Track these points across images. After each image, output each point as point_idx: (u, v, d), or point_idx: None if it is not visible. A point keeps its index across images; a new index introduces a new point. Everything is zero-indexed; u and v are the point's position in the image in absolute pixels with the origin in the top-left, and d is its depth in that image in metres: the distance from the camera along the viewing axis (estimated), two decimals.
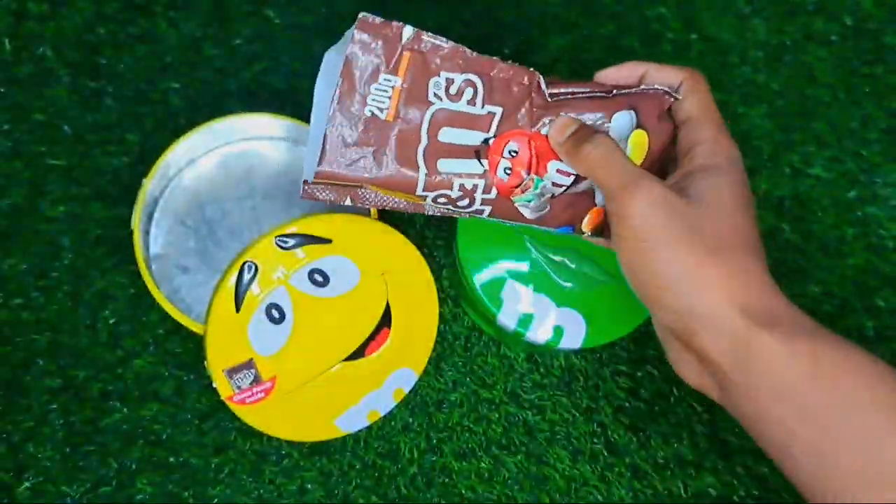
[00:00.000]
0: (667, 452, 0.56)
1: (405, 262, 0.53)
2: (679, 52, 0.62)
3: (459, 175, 0.45)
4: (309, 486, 0.54)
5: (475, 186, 0.45)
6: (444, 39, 0.43)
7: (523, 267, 0.51)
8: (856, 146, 0.61)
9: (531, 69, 0.44)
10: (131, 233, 0.56)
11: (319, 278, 0.51)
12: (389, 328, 0.53)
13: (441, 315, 0.57)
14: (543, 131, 0.44)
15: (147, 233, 0.56)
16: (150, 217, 0.56)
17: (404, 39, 0.42)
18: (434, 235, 0.58)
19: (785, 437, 0.39)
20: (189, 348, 0.56)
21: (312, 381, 0.52)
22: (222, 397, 0.50)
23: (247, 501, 0.54)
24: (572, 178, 0.45)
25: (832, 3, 0.63)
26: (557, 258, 0.52)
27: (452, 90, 0.44)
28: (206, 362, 0.50)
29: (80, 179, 0.58)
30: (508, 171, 0.45)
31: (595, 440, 0.56)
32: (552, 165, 0.45)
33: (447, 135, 0.44)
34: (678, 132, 0.45)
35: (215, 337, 0.50)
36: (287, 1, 0.61)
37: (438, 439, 0.56)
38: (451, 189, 0.45)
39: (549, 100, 0.44)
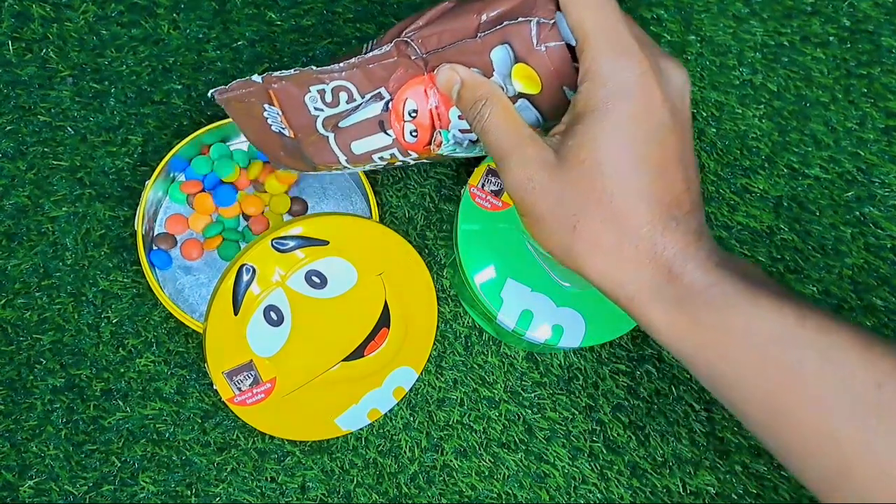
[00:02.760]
0: (665, 451, 0.56)
1: (403, 262, 0.53)
2: (677, 53, 0.62)
3: (374, 150, 0.46)
4: (310, 483, 0.55)
5: (393, 155, 0.46)
6: (290, 70, 0.44)
7: (523, 266, 0.52)
8: (853, 147, 0.61)
9: (394, 40, 0.42)
10: (134, 233, 0.56)
11: (317, 280, 0.51)
12: (388, 328, 0.53)
13: (441, 314, 0.57)
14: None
15: (150, 233, 0.56)
16: (153, 217, 0.57)
17: (262, 83, 0.45)
18: (434, 236, 0.59)
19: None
20: (191, 347, 0.56)
21: (312, 382, 0.53)
22: (223, 399, 0.51)
23: (249, 499, 0.54)
24: None
25: (829, 5, 0.63)
26: None
27: (328, 98, 0.44)
28: (206, 365, 0.51)
29: (83, 180, 0.58)
30: (415, 134, 0.44)
31: (594, 438, 0.56)
32: (453, 114, 0.44)
33: (349, 120, 0.45)
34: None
35: (214, 340, 0.50)
36: (288, 3, 0.62)
37: (439, 437, 0.56)
38: (373, 162, 0.47)
39: (422, 59, 0.42)
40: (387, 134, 0.45)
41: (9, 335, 0.56)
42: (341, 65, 0.43)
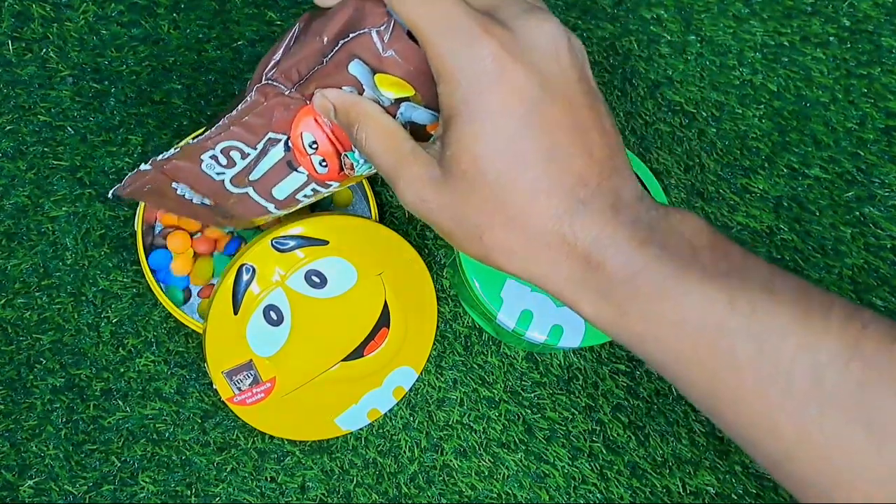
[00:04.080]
0: (665, 451, 0.56)
1: (402, 262, 0.53)
2: (677, 53, 0.62)
3: (296, 191, 0.45)
4: (310, 483, 0.55)
5: (314, 190, 0.45)
6: (170, 150, 0.44)
7: None
8: (853, 147, 0.61)
9: (255, 86, 0.41)
10: (134, 233, 0.56)
11: (316, 279, 0.51)
12: (388, 328, 0.53)
13: (441, 314, 0.57)
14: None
15: (150, 233, 0.56)
16: (153, 217, 0.57)
17: (153, 170, 0.45)
18: (435, 235, 0.59)
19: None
20: (191, 347, 0.56)
21: (312, 382, 0.53)
22: (223, 398, 0.51)
23: (249, 499, 0.54)
24: None
25: (829, 5, 0.63)
26: None
27: (223, 161, 0.44)
28: (205, 364, 0.51)
29: (83, 180, 0.58)
30: (324, 164, 0.43)
31: (594, 438, 0.56)
32: None
33: (258, 172, 0.44)
34: None
35: (214, 339, 0.50)
36: (288, 3, 0.62)
37: (439, 437, 0.56)
38: (300, 202, 0.46)
39: (296, 91, 0.40)
40: (298, 172, 0.44)
41: (9, 335, 0.56)
42: (213, 129, 0.42)
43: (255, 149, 0.43)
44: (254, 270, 0.50)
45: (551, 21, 0.34)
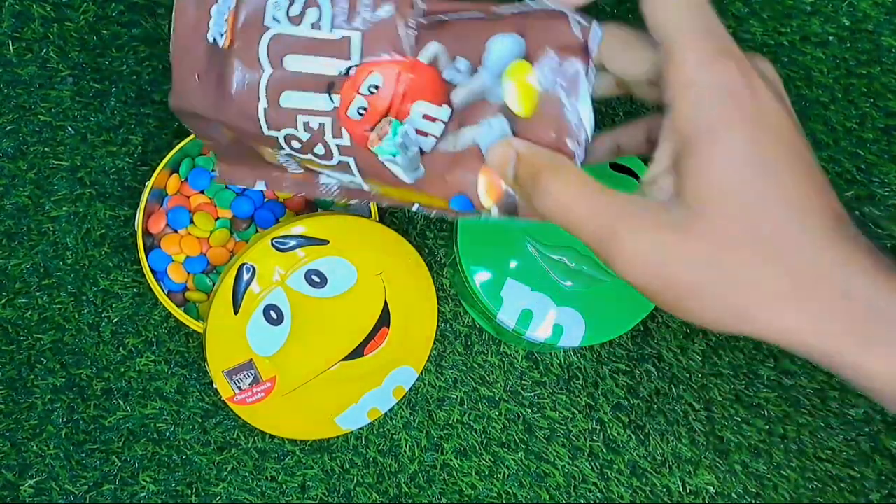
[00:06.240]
0: (665, 450, 0.56)
1: (403, 261, 0.53)
2: None
3: (304, 111, 0.37)
4: (311, 483, 0.55)
5: (321, 126, 0.37)
6: None
7: (523, 266, 0.52)
8: (853, 146, 0.61)
9: None
10: (134, 233, 0.56)
11: (317, 279, 0.51)
12: (388, 328, 0.53)
13: (441, 314, 0.57)
14: (424, 58, 0.35)
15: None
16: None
17: None
18: (435, 235, 0.59)
19: None
20: (192, 347, 0.56)
21: (312, 381, 0.53)
22: (223, 398, 0.51)
23: (249, 499, 0.54)
24: (442, 125, 0.35)
25: (829, 5, 0.63)
26: (556, 257, 0.52)
27: (294, 11, 0.36)
28: (206, 364, 0.51)
29: (84, 180, 0.58)
30: (363, 111, 0.36)
31: (594, 438, 0.56)
32: (417, 107, 0.36)
33: (295, 63, 0.37)
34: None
35: (214, 339, 0.50)
36: None
37: (439, 437, 0.56)
38: (297, 127, 0.38)
39: (425, 20, 0.35)
40: (331, 99, 0.36)
41: (9, 335, 0.56)
42: None
43: (331, 32, 0.36)
44: (254, 270, 0.50)
45: (766, 59, 0.33)
